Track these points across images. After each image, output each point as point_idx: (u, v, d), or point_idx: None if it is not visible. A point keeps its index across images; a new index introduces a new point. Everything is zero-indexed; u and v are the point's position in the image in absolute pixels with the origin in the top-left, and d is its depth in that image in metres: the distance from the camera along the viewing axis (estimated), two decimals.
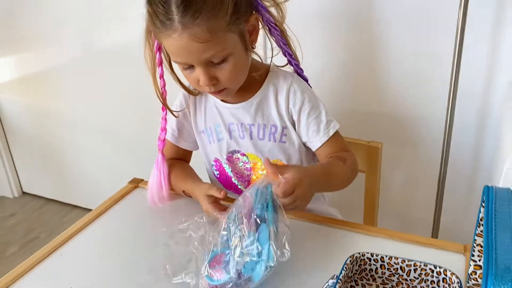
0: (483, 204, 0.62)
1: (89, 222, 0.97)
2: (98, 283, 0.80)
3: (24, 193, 2.37)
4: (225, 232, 0.76)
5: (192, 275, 0.74)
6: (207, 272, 0.73)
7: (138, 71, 1.70)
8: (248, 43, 0.89)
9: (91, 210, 2.25)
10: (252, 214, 0.74)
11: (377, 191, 1.19)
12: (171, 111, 1.00)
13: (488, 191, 0.60)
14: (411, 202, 1.48)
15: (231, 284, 0.73)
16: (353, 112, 1.40)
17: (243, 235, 0.73)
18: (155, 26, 0.83)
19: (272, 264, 0.72)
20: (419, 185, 1.45)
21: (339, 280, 0.70)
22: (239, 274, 0.73)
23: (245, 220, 0.74)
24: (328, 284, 0.72)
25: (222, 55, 0.84)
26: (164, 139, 1.00)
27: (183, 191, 1.00)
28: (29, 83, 2.08)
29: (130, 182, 1.10)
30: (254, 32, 0.90)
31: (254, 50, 0.93)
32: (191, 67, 0.86)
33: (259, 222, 0.74)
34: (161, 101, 0.97)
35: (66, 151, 2.15)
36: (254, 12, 0.88)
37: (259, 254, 0.72)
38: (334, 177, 0.93)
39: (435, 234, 1.34)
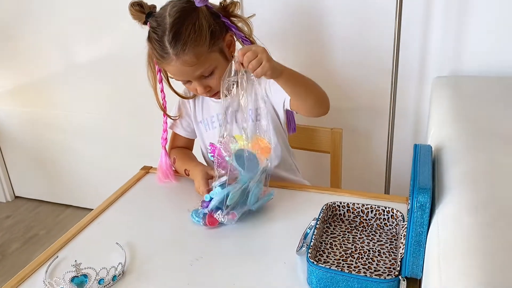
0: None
1: (115, 200, 1.17)
2: (137, 239, 1.01)
3: (16, 197, 2.45)
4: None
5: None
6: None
7: (125, 78, 1.94)
8: (228, 55, 1.14)
9: (85, 208, 2.45)
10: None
11: (340, 168, 1.43)
12: (169, 117, 1.25)
13: (416, 146, 0.88)
14: (367, 173, 1.73)
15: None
16: None
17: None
18: (156, 58, 1.10)
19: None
20: (372, 159, 1.70)
21: (318, 220, 0.97)
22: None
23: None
24: (311, 224, 0.98)
25: (209, 70, 1.10)
26: (166, 138, 1.25)
27: (185, 170, 1.23)
28: (21, 92, 2.18)
29: (142, 169, 1.33)
30: (231, 45, 1.16)
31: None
32: (189, 81, 1.13)
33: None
34: (162, 110, 1.22)
35: (57, 154, 2.25)
36: (227, 31, 1.14)
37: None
38: (302, 77, 1.07)
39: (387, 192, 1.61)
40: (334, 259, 0.91)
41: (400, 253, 0.84)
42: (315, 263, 0.84)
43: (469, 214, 0.66)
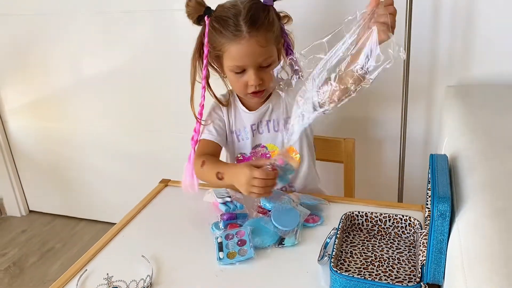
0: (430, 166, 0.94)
1: (137, 213, 1.20)
2: (160, 251, 1.04)
3: (30, 211, 2.48)
4: None
5: None
6: None
7: (138, 93, 1.97)
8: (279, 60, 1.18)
9: (99, 221, 2.46)
10: None
11: (353, 177, 1.47)
12: (199, 122, 1.20)
13: (432, 156, 0.91)
14: (379, 182, 1.76)
15: None
16: (334, 118, 1.68)
17: None
18: (224, 37, 1.11)
19: None
20: (385, 168, 1.73)
21: (338, 229, 1.00)
22: None
23: None
24: (330, 234, 1.01)
25: (270, 60, 1.13)
26: (197, 140, 1.19)
27: (217, 173, 1.13)
28: (35, 107, 2.22)
29: (161, 182, 1.36)
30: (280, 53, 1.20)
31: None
32: (243, 71, 1.13)
33: None
34: (195, 116, 1.19)
35: (70, 168, 2.28)
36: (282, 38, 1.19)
37: None
38: None
39: (400, 200, 1.63)
40: (355, 268, 0.94)
41: (421, 260, 0.86)
42: (338, 271, 0.86)
43: (490, 220, 0.69)
